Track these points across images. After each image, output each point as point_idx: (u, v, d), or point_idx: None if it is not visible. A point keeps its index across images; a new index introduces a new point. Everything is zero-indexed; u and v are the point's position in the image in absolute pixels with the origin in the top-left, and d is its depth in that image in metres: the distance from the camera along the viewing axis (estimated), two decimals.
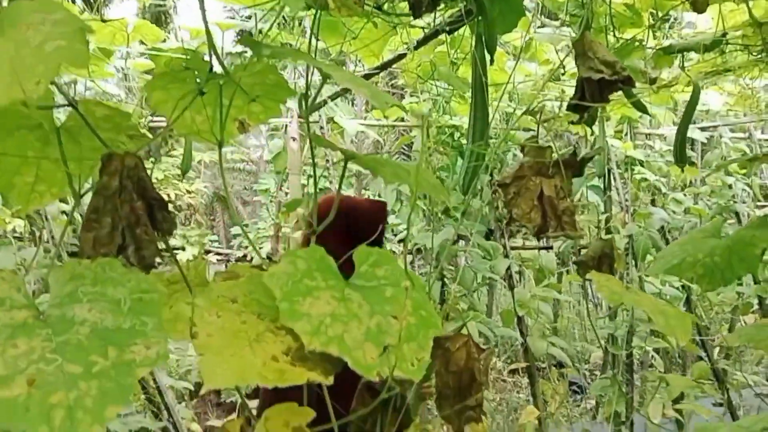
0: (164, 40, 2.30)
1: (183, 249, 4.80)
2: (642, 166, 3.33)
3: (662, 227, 3.21)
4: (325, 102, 2.67)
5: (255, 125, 1.06)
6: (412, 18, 1.34)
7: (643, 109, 1.96)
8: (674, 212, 3.31)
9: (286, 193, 3.14)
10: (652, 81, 1.94)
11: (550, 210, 0.97)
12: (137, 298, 0.70)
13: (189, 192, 5.80)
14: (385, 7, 1.45)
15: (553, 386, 3.84)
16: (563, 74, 2.09)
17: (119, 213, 0.76)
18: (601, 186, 3.25)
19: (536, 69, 2.42)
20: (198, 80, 0.95)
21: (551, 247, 3.68)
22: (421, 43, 1.93)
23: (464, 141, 3.13)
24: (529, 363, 2.91)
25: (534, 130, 1.14)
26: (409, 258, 3.87)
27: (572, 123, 1.09)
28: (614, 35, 1.75)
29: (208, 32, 0.85)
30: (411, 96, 2.99)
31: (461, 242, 3.48)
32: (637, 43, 1.80)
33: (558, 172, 1.03)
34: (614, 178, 3.22)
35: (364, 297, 0.70)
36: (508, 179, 1.00)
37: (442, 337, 0.94)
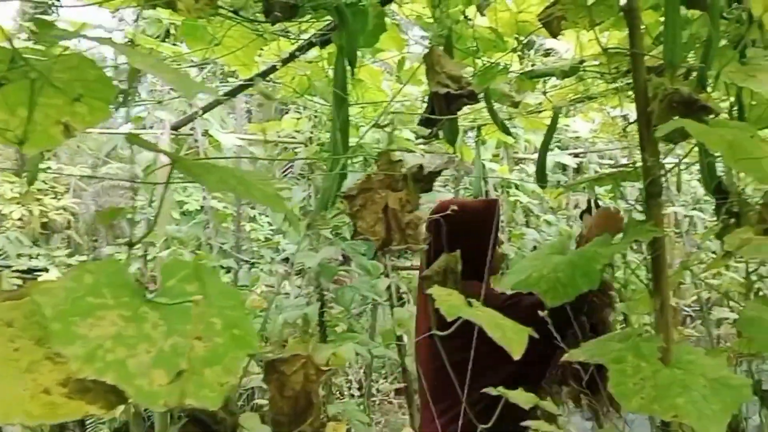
0: (9, 40, 2.08)
1: (46, 270, 4.38)
2: (517, 188, 3.48)
3: (534, 247, 3.36)
4: (197, 114, 2.54)
5: (81, 129, 0.96)
6: (275, 25, 1.28)
7: (507, 131, 2.03)
8: (546, 233, 3.48)
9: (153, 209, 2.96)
10: (516, 104, 2.01)
11: (395, 223, 0.94)
12: None
13: (59, 209, 5.34)
14: (246, 13, 1.38)
15: None
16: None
17: None
18: None
19: (417, 91, 2.45)
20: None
21: None
22: (293, 56, 1.88)
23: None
24: (406, 383, 2.90)
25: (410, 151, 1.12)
26: (297, 280, 3.77)
27: (424, 138, 1.08)
28: (480, 58, 1.80)
29: None
30: (296, 111, 2.93)
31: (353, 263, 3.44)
32: (501, 67, 1.86)
33: (406, 186, 1.01)
34: None
35: (162, 316, 0.62)
36: (354, 191, 0.96)
37: (277, 360, 0.87)
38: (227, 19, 1.34)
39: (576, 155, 4.46)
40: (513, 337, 0.87)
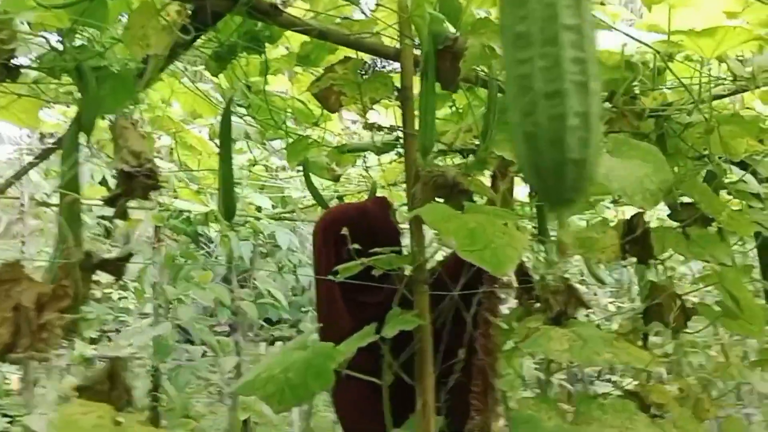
0: None
1: None
2: None
3: None
4: (17, 175, 2.32)
5: None
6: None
7: (322, 203, 1.93)
8: None
9: None
10: (337, 178, 1.93)
11: (26, 324, 0.77)
12: None
13: None
14: None
15: None
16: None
17: None
18: None
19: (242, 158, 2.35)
20: None
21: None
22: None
23: (199, 226, 2.93)
24: None
25: None
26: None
27: (108, 219, 0.93)
28: (285, 130, 1.71)
29: None
30: None
31: None
32: (312, 140, 1.78)
33: (72, 276, 0.85)
34: None
35: None
36: None
37: None
38: None
39: None
40: None
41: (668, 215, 1.88)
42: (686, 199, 1.88)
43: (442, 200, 1.25)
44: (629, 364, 1.29)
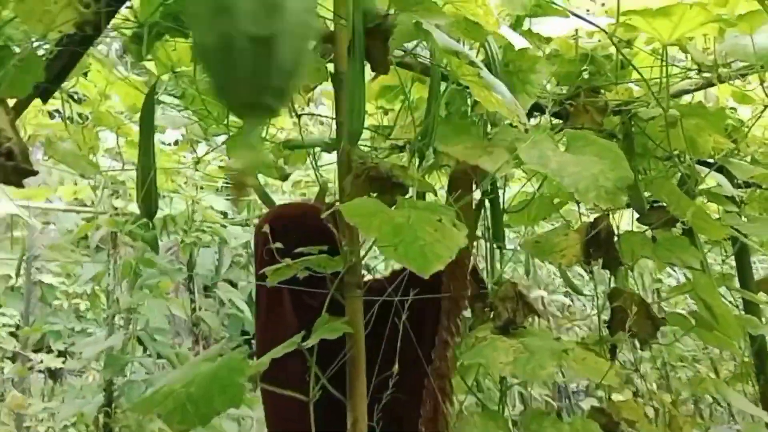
0: None
1: None
2: None
3: None
4: None
5: None
6: None
7: (269, 200, 1.82)
8: None
9: None
10: (285, 177, 1.81)
11: None
12: None
13: None
14: None
15: None
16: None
17: None
18: None
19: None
20: None
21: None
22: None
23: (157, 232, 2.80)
24: None
25: None
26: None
27: None
28: (226, 124, 1.60)
29: None
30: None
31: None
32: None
33: None
34: None
35: None
36: None
37: None
38: None
39: None
40: None
41: (637, 219, 1.78)
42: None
43: (375, 195, 1.14)
44: (584, 376, 1.18)
